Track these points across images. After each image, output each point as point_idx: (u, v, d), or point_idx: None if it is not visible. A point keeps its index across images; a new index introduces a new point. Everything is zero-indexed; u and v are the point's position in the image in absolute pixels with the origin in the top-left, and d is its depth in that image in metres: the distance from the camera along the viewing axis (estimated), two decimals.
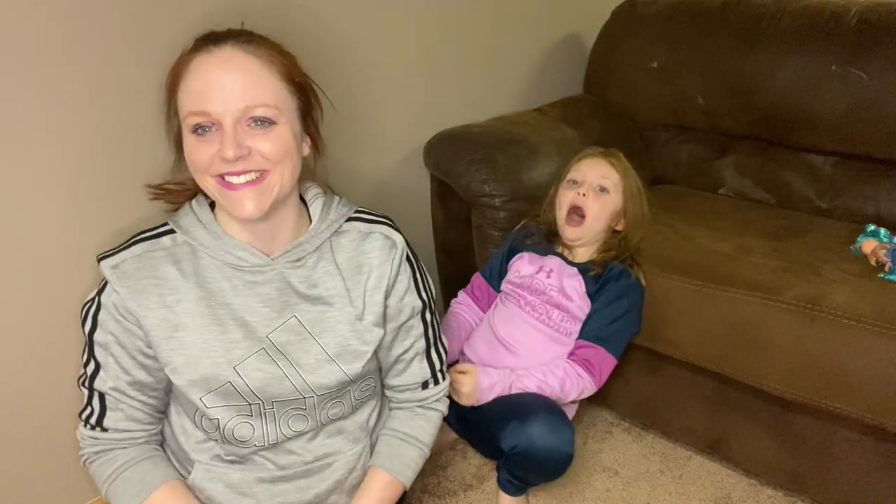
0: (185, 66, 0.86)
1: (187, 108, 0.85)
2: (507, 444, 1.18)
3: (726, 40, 1.66)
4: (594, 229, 1.33)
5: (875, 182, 1.57)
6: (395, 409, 1.12)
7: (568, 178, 1.36)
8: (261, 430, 0.96)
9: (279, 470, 0.99)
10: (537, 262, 1.37)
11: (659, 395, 1.47)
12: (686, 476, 1.44)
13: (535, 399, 1.25)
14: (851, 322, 1.12)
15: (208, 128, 0.85)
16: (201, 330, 0.92)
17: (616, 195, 1.32)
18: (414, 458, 1.07)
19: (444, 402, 1.14)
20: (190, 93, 0.85)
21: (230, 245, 0.93)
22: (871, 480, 1.21)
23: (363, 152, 1.55)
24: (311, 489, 1.00)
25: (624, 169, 1.34)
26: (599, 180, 1.32)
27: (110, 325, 0.91)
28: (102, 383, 0.93)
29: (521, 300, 1.35)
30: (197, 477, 0.98)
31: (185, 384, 0.92)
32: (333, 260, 0.98)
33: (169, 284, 0.91)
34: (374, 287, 0.99)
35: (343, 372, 0.96)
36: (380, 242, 1.00)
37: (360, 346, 0.98)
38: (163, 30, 1.10)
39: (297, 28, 1.32)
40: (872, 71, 1.46)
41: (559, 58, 1.95)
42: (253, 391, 0.94)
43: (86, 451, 0.97)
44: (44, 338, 1.15)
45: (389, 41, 1.51)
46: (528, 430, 1.16)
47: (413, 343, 1.06)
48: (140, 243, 0.93)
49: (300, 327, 0.96)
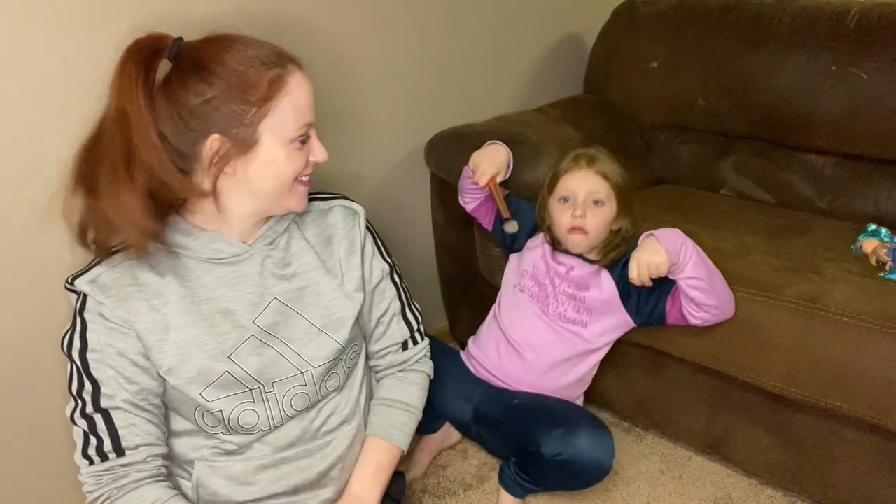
0: (282, 84, 0.89)
1: (301, 119, 0.92)
2: (550, 450, 1.19)
3: (726, 40, 1.66)
4: (598, 240, 1.30)
5: (875, 182, 1.57)
6: (380, 378, 1.17)
7: (559, 196, 1.29)
8: (265, 413, 0.97)
9: (279, 452, 1.00)
10: (553, 258, 1.34)
11: (659, 395, 1.47)
12: (686, 476, 1.44)
13: (571, 406, 1.28)
14: (852, 321, 1.12)
15: (308, 137, 0.94)
16: (190, 327, 0.93)
17: (610, 203, 1.28)
18: (404, 420, 1.12)
19: (425, 362, 1.19)
20: (298, 107, 0.91)
21: (205, 239, 0.95)
22: (871, 480, 1.21)
23: (363, 152, 1.55)
24: (313, 468, 1.02)
25: (610, 172, 1.28)
26: (593, 195, 1.26)
27: (103, 336, 0.90)
28: (109, 400, 0.90)
29: (534, 290, 1.34)
30: (200, 475, 0.98)
31: (183, 382, 0.92)
32: (303, 237, 1.04)
33: (151, 289, 0.92)
34: (346, 254, 1.06)
35: (334, 340, 1.01)
36: (342, 213, 1.08)
37: (343, 313, 1.03)
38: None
39: (297, 28, 1.32)
40: (872, 71, 1.46)
41: (559, 58, 1.95)
42: (252, 376, 0.95)
43: (103, 490, 0.90)
44: (44, 338, 1.15)
45: (390, 41, 1.51)
46: (576, 440, 1.18)
47: (389, 304, 1.13)
48: (109, 258, 0.91)
49: (283, 307, 0.99)
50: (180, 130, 0.88)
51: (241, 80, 0.87)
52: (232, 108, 0.87)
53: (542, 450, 1.19)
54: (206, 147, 0.88)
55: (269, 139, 0.90)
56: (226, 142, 0.88)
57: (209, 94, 0.86)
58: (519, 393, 1.34)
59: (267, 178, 0.92)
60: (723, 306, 1.19)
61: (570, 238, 1.28)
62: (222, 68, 0.87)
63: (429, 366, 1.20)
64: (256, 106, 0.88)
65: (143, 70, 0.85)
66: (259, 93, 0.87)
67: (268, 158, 0.91)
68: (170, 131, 0.88)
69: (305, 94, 0.92)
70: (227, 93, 0.86)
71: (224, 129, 0.87)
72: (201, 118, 0.87)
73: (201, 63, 0.87)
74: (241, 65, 0.87)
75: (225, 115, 0.87)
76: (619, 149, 1.79)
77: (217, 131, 0.87)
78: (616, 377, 1.51)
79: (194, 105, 0.86)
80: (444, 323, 1.82)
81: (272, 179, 0.93)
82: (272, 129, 0.89)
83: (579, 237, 1.27)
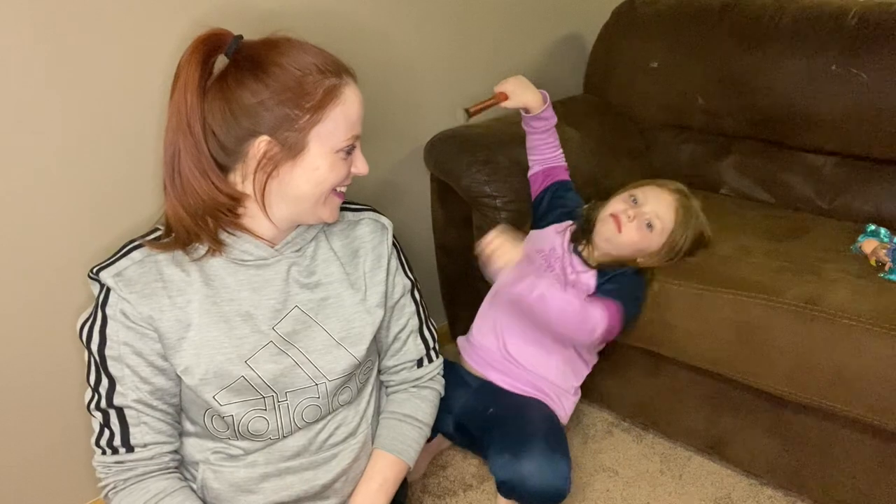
0: (337, 94, 0.90)
1: (350, 131, 0.92)
2: (498, 476, 1.15)
3: (726, 40, 1.66)
4: (620, 251, 1.29)
5: (875, 182, 1.56)
6: (392, 393, 1.16)
7: (631, 193, 1.29)
8: (275, 422, 0.97)
9: (284, 462, 0.99)
10: (570, 253, 1.34)
11: (659, 395, 1.47)
12: (686, 476, 1.44)
13: (537, 425, 1.20)
14: (852, 322, 1.12)
15: (353, 148, 0.95)
16: (210, 327, 0.92)
17: (658, 238, 1.27)
18: (414, 437, 1.11)
19: (438, 380, 1.19)
20: (349, 118, 0.92)
21: (233, 240, 0.94)
22: (871, 480, 1.21)
23: (363, 152, 1.55)
24: (317, 480, 1.02)
25: (683, 220, 1.27)
26: (652, 216, 1.25)
27: (122, 334, 0.90)
28: (122, 398, 0.91)
29: (540, 263, 1.33)
30: (204, 478, 0.98)
31: (198, 383, 0.92)
32: (330, 247, 1.03)
33: (175, 286, 0.92)
34: (372, 269, 1.05)
35: (351, 355, 1.00)
36: (370, 227, 1.07)
37: (362, 328, 1.02)
38: (163, 36, 1.10)
39: (297, 28, 1.32)
40: (872, 71, 1.46)
41: (559, 58, 1.95)
42: (267, 384, 0.95)
43: (110, 480, 0.93)
44: (43, 339, 1.15)
45: (389, 41, 1.51)
46: (521, 467, 1.11)
47: (408, 321, 1.12)
48: (138, 249, 0.92)
49: (304, 316, 0.98)
50: (229, 125, 0.88)
51: (298, 85, 0.87)
52: (285, 112, 0.87)
53: (492, 472, 1.16)
54: (253, 147, 0.88)
55: (316, 147, 0.90)
56: (274, 145, 0.88)
57: (264, 95, 0.86)
58: (501, 397, 1.29)
59: (308, 185, 0.92)
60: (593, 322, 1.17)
61: (604, 223, 1.27)
62: (280, 70, 0.87)
63: (441, 384, 1.19)
64: (310, 113, 0.88)
65: (200, 64, 0.87)
66: (314, 100, 0.88)
67: (312, 165, 0.91)
68: (218, 125, 0.88)
69: (357, 107, 0.93)
70: (282, 95, 0.87)
71: (274, 131, 0.87)
72: (252, 117, 0.87)
73: (259, 63, 0.87)
74: (298, 70, 0.87)
75: (277, 118, 0.87)
76: (619, 149, 1.81)
77: (267, 132, 0.87)
78: (616, 377, 1.51)
79: (248, 103, 0.87)
80: (444, 323, 1.82)
81: (313, 187, 0.92)
82: (322, 137, 0.89)
83: (611, 227, 1.26)
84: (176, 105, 0.88)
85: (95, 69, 1.07)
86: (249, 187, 0.91)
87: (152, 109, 1.10)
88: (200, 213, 0.90)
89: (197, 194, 0.89)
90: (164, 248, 0.92)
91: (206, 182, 0.89)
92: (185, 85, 0.86)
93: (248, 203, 0.93)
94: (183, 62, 0.87)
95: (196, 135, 0.87)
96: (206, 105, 0.88)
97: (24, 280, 1.11)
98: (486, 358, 1.35)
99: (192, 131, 0.87)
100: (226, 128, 0.88)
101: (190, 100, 0.86)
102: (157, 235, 0.94)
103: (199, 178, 0.89)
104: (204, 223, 0.91)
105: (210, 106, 0.88)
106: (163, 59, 1.00)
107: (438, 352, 1.19)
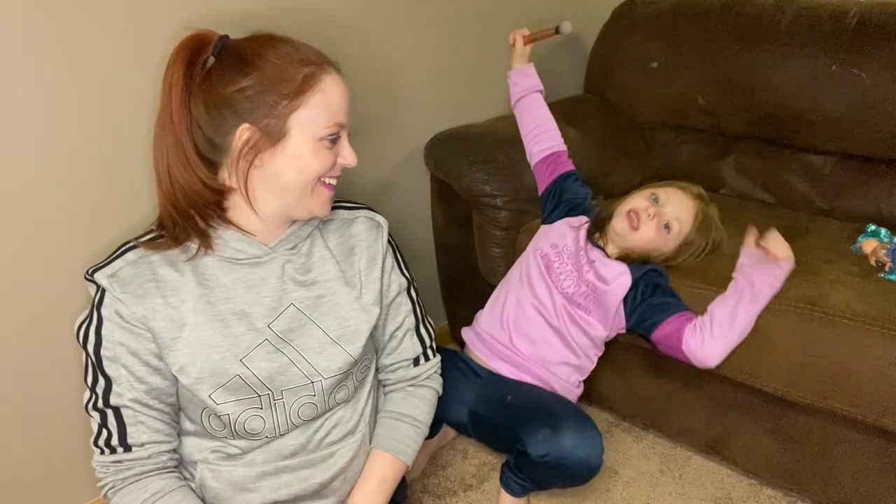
0: (316, 80, 0.90)
1: (332, 119, 0.92)
2: (537, 451, 1.17)
3: (726, 40, 1.66)
4: (634, 247, 1.29)
5: (875, 182, 1.56)
6: (389, 392, 1.16)
7: (651, 191, 1.30)
8: (272, 421, 0.97)
9: (281, 460, 0.99)
10: (585, 244, 1.34)
11: (659, 395, 1.47)
12: (686, 476, 1.44)
13: (561, 403, 1.26)
14: (851, 322, 1.12)
15: (338, 137, 0.94)
16: (205, 326, 0.92)
17: (673, 241, 1.27)
18: (411, 435, 1.12)
19: (435, 379, 1.19)
20: (331, 106, 0.91)
21: (227, 238, 0.94)
22: (871, 480, 1.21)
23: (363, 152, 1.52)
24: (315, 479, 1.02)
25: (700, 226, 1.28)
26: (672, 218, 1.26)
27: (117, 335, 0.90)
28: (118, 398, 0.91)
29: (550, 258, 1.33)
30: (202, 478, 0.98)
31: (193, 382, 0.92)
32: (325, 245, 1.04)
33: (169, 286, 0.92)
34: (367, 266, 1.05)
35: (347, 353, 1.00)
36: (366, 225, 1.07)
37: (358, 326, 1.02)
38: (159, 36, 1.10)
39: (296, 29, 1.31)
40: (872, 71, 1.46)
41: (559, 58, 1.95)
42: (262, 382, 0.95)
43: (109, 479, 0.93)
44: (43, 340, 1.15)
45: (389, 41, 1.51)
46: (561, 441, 1.15)
47: (404, 319, 1.12)
48: (132, 250, 0.92)
49: (299, 314, 0.98)
50: (213, 118, 0.89)
51: (277, 72, 0.88)
52: (265, 99, 0.88)
53: (529, 451, 1.18)
54: (235, 136, 0.89)
55: (297, 133, 0.90)
56: (255, 132, 0.88)
57: (244, 84, 0.87)
58: (513, 386, 1.32)
59: (292, 174, 0.92)
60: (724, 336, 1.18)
61: (621, 218, 1.27)
62: (261, 61, 0.88)
63: (438, 382, 1.19)
64: (289, 98, 0.88)
65: (185, 64, 0.88)
66: (293, 86, 0.88)
67: (295, 153, 0.91)
68: (204, 120, 0.89)
69: (339, 95, 0.93)
70: (262, 84, 0.87)
71: (255, 118, 0.88)
72: (233, 106, 0.88)
73: (242, 56, 0.89)
74: (279, 59, 0.89)
75: (257, 106, 0.88)
76: (619, 149, 1.81)
77: (248, 120, 0.88)
78: (616, 377, 1.51)
79: (228, 94, 0.87)
80: (444, 323, 1.82)
81: (297, 175, 0.92)
82: (302, 123, 0.90)
83: (625, 224, 1.26)
84: (162, 104, 0.89)
85: (91, 69, 1.07)
86: (235, 180, 0.92)
87: (148, 110, 1.09)
88: (187, 208, 0.91)
89: (183, 189, 0.90)
90: (158, 248, 0.93)
91: (190, 175, 0.90)
92: (171, 85, 0.88)
93: (234, 196, 0.93)
94: (169, 63, 0.89)
95: (180, 131, 0.89)
96: (193, 101, 0.89)
97: (23, 281, 1.10)
98: (494, 350, 1.36)
99: (176, 128, 0.89)
100: (211, 121, 0.89)
101: (175, 98, 0.88)
102: (152, 236, 0.94)
103: (184, 173, 0.90)
104: (191, 218, 0.92)
105: (195, 101, 0.89)
106: (159, 59, 1.00)
107: (436, 350, 1.19)
